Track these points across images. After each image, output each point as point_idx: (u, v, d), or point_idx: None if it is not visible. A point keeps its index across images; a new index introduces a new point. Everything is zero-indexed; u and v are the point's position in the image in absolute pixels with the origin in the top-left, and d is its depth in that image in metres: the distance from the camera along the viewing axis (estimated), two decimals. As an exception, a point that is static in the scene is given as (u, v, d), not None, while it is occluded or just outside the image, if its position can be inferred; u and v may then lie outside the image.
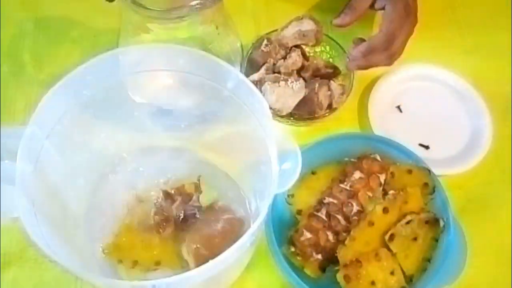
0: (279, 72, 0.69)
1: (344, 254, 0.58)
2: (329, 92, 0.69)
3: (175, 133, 0.65)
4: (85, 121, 0.56)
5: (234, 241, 0.45)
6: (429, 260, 0.60)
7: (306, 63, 0.71)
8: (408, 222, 0.59)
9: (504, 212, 0.66)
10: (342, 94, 0.70)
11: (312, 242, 0.58)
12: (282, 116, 0.69)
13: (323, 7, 0.76)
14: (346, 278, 0.57)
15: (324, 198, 0.61)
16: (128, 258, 0.58)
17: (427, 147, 0.71)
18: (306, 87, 0.68)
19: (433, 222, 0.60)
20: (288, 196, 0.62)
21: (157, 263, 0.58)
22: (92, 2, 0.75)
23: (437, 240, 0.60)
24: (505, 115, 0.73)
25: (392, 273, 0.58)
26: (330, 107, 0.69)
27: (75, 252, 0.54)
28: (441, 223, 0.60)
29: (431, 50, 0.77)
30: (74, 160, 0.57)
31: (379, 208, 0.61)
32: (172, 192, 0.61)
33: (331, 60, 0.73)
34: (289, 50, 0.71)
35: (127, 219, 0.61)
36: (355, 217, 0.60)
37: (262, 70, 0.69)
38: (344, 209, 0.59)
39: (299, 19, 0.71)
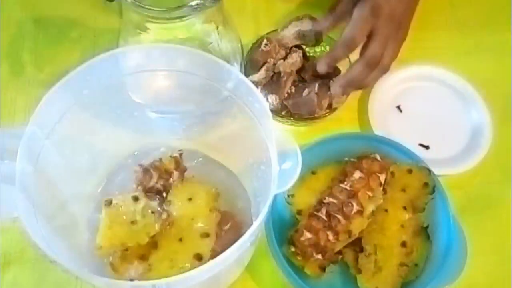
0: (279, 72, 0.69)
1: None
2: (329, 92, 0.69)
3: (175, 133, 0.65)
4: (85, 121, 0.56)
5: (234, 241, 0.45)
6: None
7: (306, 63, 0.71)
8: None
9: (504, 212, 0.66)
10: (342, 94, 0.70)
11: (312, 242, 0.58)
12: (282, 116, 0.69)
13: (323, 7, 0.76)
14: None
15: (324, 198, 0.60)
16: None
17: (427, 147, 0.71)
18: (306, 87, 0.68)
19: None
20: (288, 196, 0.62)
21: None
22: (92, 2, 0.75)
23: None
24: (505, 115, 0.73)
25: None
26: (330, 107, 0.69)
27: (75, 252, 0.54)
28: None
29: (431, 50, 0.77)
30: (74, 160, 0.57)
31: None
32: (150, 168, 0.58)
33: (331, 60, 0.73)
34: (289, 50, 0.71)
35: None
36: (355, 217, 0.60)
37: (262, 70, 0.69)
38: (344, 209, 0.59)
39: (299, 19, 0.71)
